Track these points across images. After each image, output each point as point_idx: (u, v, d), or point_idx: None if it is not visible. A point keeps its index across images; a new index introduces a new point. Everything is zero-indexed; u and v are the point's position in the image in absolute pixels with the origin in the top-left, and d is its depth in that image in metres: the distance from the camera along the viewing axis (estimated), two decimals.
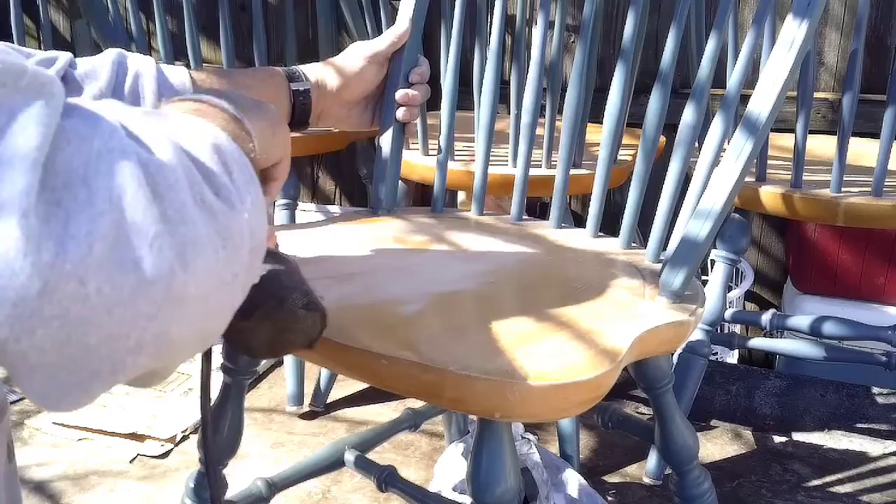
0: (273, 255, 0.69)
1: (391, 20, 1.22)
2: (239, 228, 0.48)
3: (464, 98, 1.34)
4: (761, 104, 0.86)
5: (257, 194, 0.52)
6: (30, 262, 0.39)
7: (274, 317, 0.67)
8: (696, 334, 1.58)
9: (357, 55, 1.05)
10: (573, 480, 1.36)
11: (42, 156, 0.40)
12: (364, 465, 1.19)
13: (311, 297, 0.69)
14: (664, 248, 0.99)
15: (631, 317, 0.85)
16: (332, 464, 1.22)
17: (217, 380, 0.99)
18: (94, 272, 0.41)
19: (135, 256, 0.42)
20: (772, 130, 1.00)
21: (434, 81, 1.15)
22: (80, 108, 0.44)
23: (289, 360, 1.79)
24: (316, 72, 1.01)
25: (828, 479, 1.60)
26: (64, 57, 0.82)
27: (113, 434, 1.69)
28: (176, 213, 0.44)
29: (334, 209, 2.57)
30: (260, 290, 0.61)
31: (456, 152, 1.52)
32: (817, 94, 2.09)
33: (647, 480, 1.58)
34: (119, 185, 0.42)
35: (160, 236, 0.43)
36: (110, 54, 0.86)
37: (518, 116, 1.42)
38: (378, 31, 1.69)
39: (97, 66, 0.84)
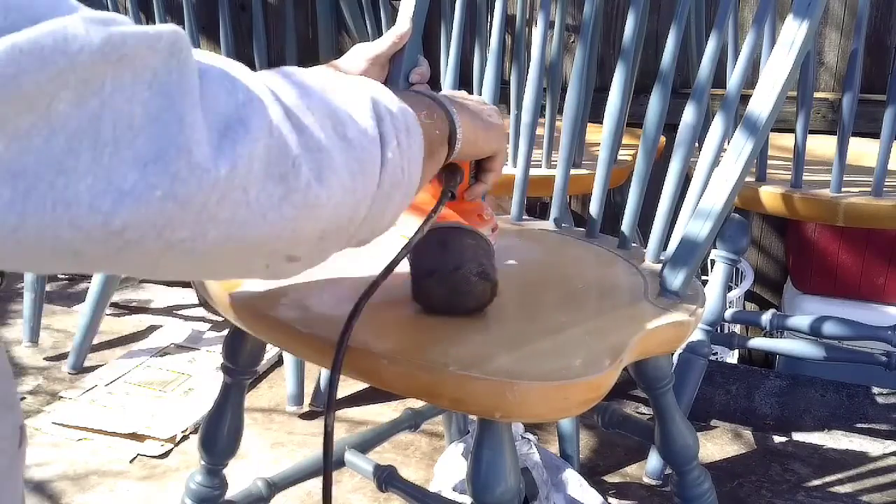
0: (469, 232, 0.82)
1: (391, 20, 1.22)
2: (373, 160, 0.60)
3: None
4: (761, 104, 0.86)
5: (409, 145, 0.64)
6: (212, 176, 0.48)
7: (450, 279, 0.80)
8: (696, 334, 1.58)
9: (360, 57, 1.04)
10: (573, 480, 1.36)
11: (196, 101, 0.48)
12: (364, 465, 1.19)
13: (485, 268, 0.80)
14: (664, 248, 0.99)
15: (631, 317, 0.85)
16: (332, 463, 1.22)
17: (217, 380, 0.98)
18: (253, 183, 0.51)
19: (281, 171, 0.52)
20: (772, 130, 1.00)
21: (434, 81, 1.15)
22: (218, 64, 0.53)
23: (289, 360, 1.79)
24: None
25: (828, 479, 1.60)
26: None
27: (113, 434, 1.69)
28: (313, 143, 0.55)
29: None
30: (444, 255, 0.80)
31: None
32: (817, 94, 2.09)
33: (647, 480, 1.58)
34: (267, 121, 0.52)
35: (298, 157, 0.53)
36: None
37: (518, 116, 1.42)
38: (378, 30, 1.69)
39: None
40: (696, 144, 1.16)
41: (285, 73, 0.61)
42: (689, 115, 0.95)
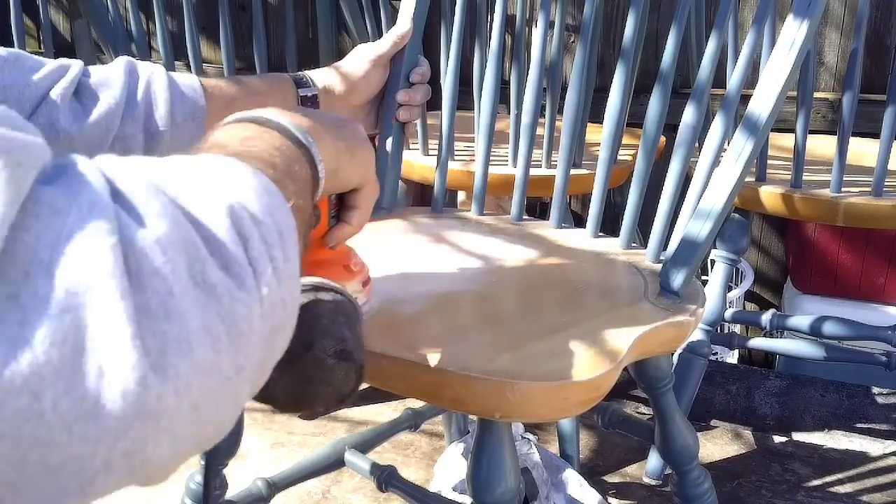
0: (328, 292, 0.60)
1: (391, 20, 1.22)
2: (247, 312, 0.41)
3: (464, 98, 1.34)
4: (761, 105, 0.86)
5: (287, 259, 0.44)
6: None
7: (297, 364, 0.57)
8: (696, 334, 1.58)
9: (362, 58, 1.04)
10: (573, 480, 1.36)
11: (1, 241, 0.34)
12: (364, 465, 1.19)
13: (347, 344, 0.58)
14: (664, 248, 0.99)
15: (631, 317, 0.85)
16: (332, 464, 1.22)
17: None
18: (51, 384, 0.34)
19: (100, 363, 0.35)
20: (772, 130, 1.00)
21: (434, 81, 1.15)
22: (69, 172, 0.38)
23: None
24: (322, 77, 1.01)
25: (828, 479, 1.60)
26: (76, 65, 0.82)
27: None
28: (159, 306, 0.37)
29: None
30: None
31: (456, 152, 1.52)
32: (817, 94, 2.09)
33: (647, 480, 1.58)
34: (87, 275, 0.35)
35: (131, 338, 0.36)
36: (120, 62, 0.85)
37: (518, 116, 1.42)
38: (378, 30, 1.70)
39: (110, 75, 0.84)
40: (696, 144, 1.16)
41: (129, 173, 0.41)
42: (689, 115, 0.95)
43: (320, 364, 0.57)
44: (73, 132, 0.79)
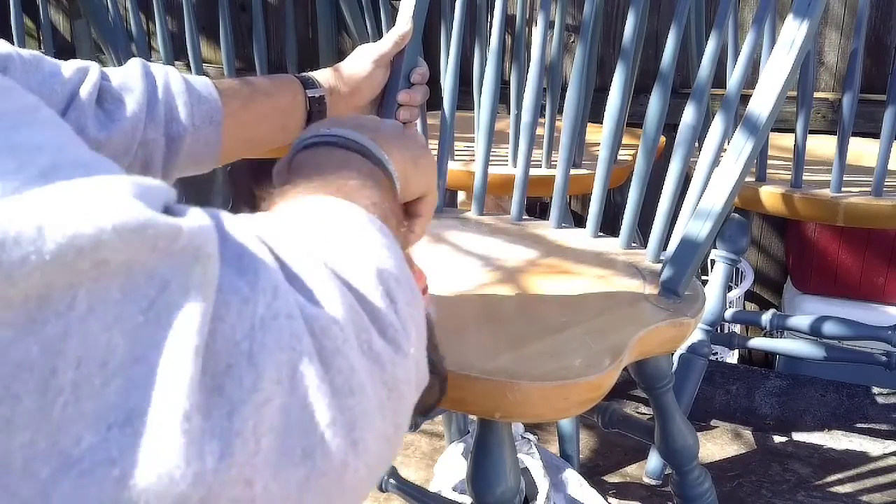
0: None
1: (391, 20, 1.22)
2: (406, 375, 0.41)
3: (464, 98, 1.34)
4: (761, 104, 0.86)
5: (419, 313, 0.45)
6: (192, 471, 0.33)
7: None
8: (696, 334, 1.58)
9: (364, 59, 1.04)
10: (573, 480, 1.36)
11: (202, 339, 0.34)
12: None
13: (429, 355, 0.56)
14: (664, 248, 0.99)
15: (631, 317, 0.85)
16: None
17: None
18: (261, 471, 0.34)
19: (304, 447, 0.36)
20: (772, 130, 1.00)
21: (434, 81, 1.15)
22: (235, 250, 0.37)
23: None
24: (327, 78, 1.01)
25: (828, 479, 1.60)
26: (95, 68, 0.80)
27: None
28: (344, 383, 0.37)
29: None
30: None
31: (456, 152, 1.52)
32: (817, 94, 2.09)
33: (647, 480, 1.58)
34: (287, 362, 0.36)
35: (334, 422, 0.36)
36: (136, 65, 0.83)
37: (518, 116, 1.42)
38: (378, 30, 1.70)
39: (129, 78, 0.81)
40: (696, 144, 1.16)
41: (271, 225, 0.42)
42: (689, 115, 0.95)
43: None
44: (101, 139, 0.77)
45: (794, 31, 0.85)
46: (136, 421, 0.32)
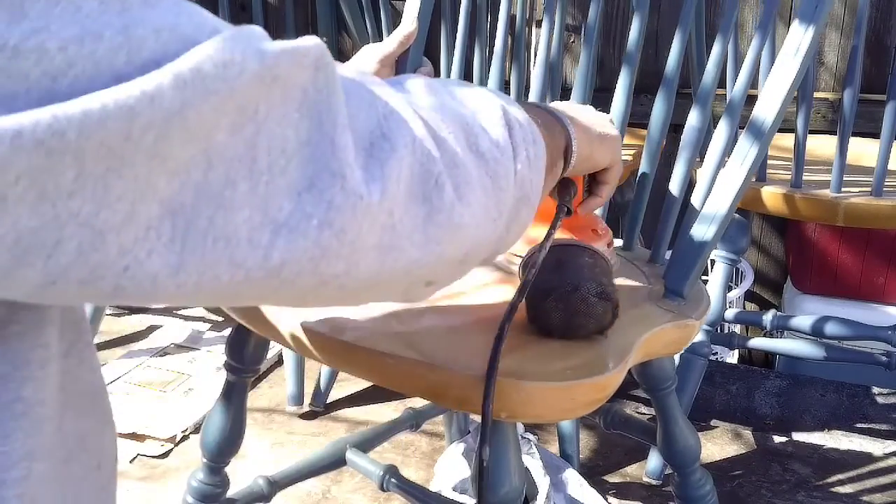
0: (586, 250, 0.79)
1: (391, 20, 1.22)
2: (506, 174, 0.57)
3: None
4: (766, 110, 0.86)
5: (536, 155, 0.60)
6: (365, 203, 0.45)
7: (568, 300, 0.74)
8: (697, 335, 1.58)
9: (370, 60, 1.04)
10: (573, 480, 1.37)
11: (346, 120, 0.46)
12: (364, 465, 1.19)
13: (606, 287, 0.75)
14: (668, 250, 0.99)
15: (636, 318, 0.85)
16: (333, 463, 1.22)
17: (220, 380, 0.98)
18: (398, 205, 0.48)
19: (425, 191, 0.50)
20: None
21: None
22: (352, 77, 0.50)
23: (289, 359, 1.78)
24: None
25: (828, 479, 1.61)
26: None
27: None
28: (450, 159, 0.52)
29: None
30: (560, 275, 0.75)
31: None
32: (817, 94, 2.09)
33: (647, 480, 1.58)
34: (410, 136, 0.49)
35: (441, 174, 0.51)
36: None
37: None
38: (378, 31, 1.69)
39: None
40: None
41: (412, 81, 0.58)
42: (693, 118, 0.95)
43: (585, 301, 0.74)
44: None
45: (799, 37, 0.85)
46: (318, 183, 0.44)
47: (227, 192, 0.41)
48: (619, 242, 1.06)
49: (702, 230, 0.89)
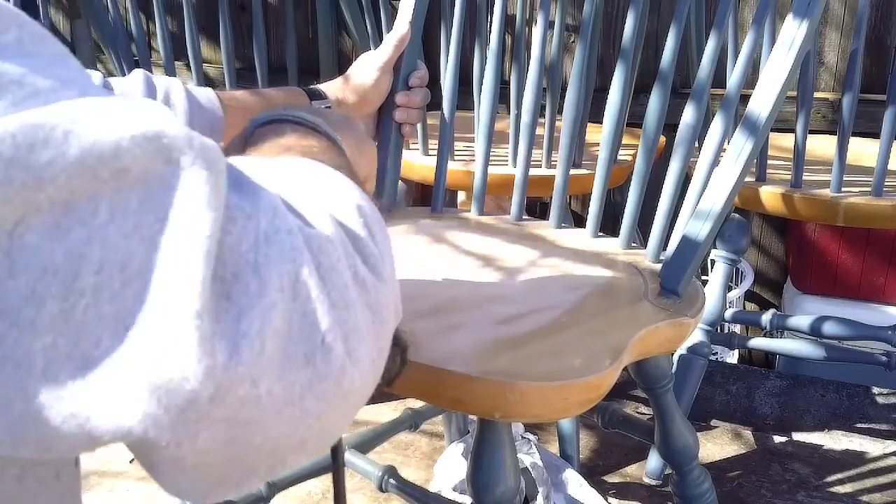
0: None
1: (391, 20, 1.22)
2: (385, 300, 0.44)
3: (464, 98, 1.34)
4: (761, 104, 0.86)
5: (390, 247, 0.48)
6: (203, 367, 0.35)
7: None
8: (696, 334, 1.58)
9: (370, 67, 1.04)
10: (573, 480, 1.37)
11: (215, 244, 0.36)
12: (364, 465, 1.19)
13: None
14: (664, 248, 0.99)
15: (631, 317, 0.85)
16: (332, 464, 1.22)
17: None
18: (267, 371, 0.37)
19: (306, 352, 0.38)
20: (772, 130, 1.00)
21: (434, 82, 1.15)
22: (237, 177, 0.40)
23: None
24: (334, 89, 1.01)
25: (828, 479, 1.60)
26: (97, 76, 0.82)
27: None
28: (339, 298, 0.40)
29: None
30: None
31: (456, 152, 1.52)
32: (817, 94, 2.09)
33: (647, 480, 1.58)
34: (289, 272, 0.38)
35: (332, 328, 0.39)
36: (138, 75, 0.85)
37: (518, 116, 1.42)
38: (378, 31, 1.69)
39: (130, 87, 0.84)
40: (696, 144, 1.16)
41: (267, 166, 0.46)
42: (689, 115, 0.95)
43: None
44: None
45: (793, 31, 0.85)
46: (152, 322, 0.34)
47: (27, 311, 0.33)
48: (617, 241, 1.06)
49: (697, 227, 0.89)
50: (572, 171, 1.18)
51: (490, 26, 1.19)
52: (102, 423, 0.35)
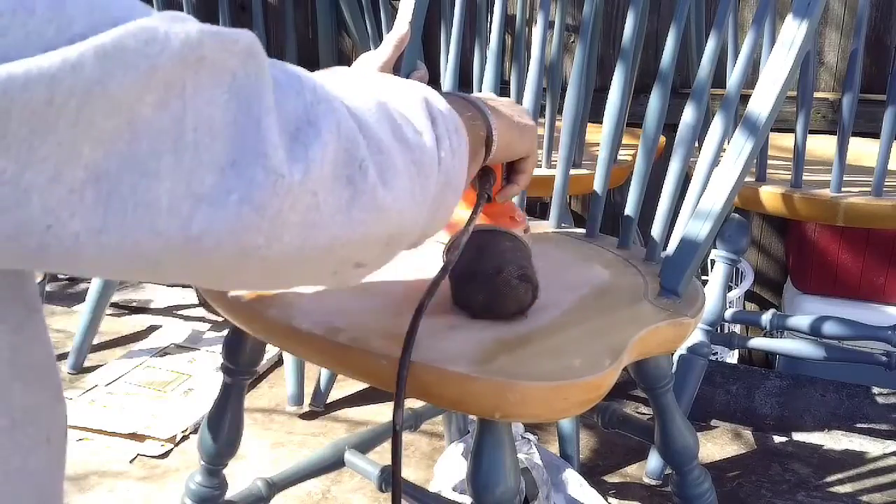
0: (506, 235, 0.82)
1: (391, 20, 1.22)
2: (430, 161, 0.60)
3: None
4: (761, 104, 0.86)
5: (459, 143, 0.64)
6: (286, 183, 0.48)
7: (491, 283, 0.79)
8: (696, 334, 1.58)
9: (369, 67, 1.04)
10: (573, 480, 1.36)
11: (272, 110, 0.48)
12: (364, 465, 1.19)
13: (527, 270, 0.79)
14: (664, 248, 0.99)
15: (631, 317, 0.85)
16: (332, 464, 1.22)
17: (217, 380, 0.98)
18: (323, 186, 0.51)
19: (349, 174, 0.53)
20: (772, 130, 1.00)
21: (434, 82, 1.15)
22: (279, 65, 0.53)
23: (289, 360, 1.78)
24: None
25: (828, 479, 1.60)
26: None
27: (113, 434, 1.69)
28: (375, 146, 0.55)
29: None
30: (484, 258, 0.79)
31: None
32: (817, 94, 2.09)
33: (647, 480, 1.58)
34: (336, 122, 0.52)
35: (365, 160, 0.54)
36: None
37: None
38: (378, 30, 1.70)
39: None
40: (696, 144, 1.16)
41: (340, 74, 0.62)
42: (688, 114, 0.95)
43: (508, 283, 0.78)
44: None
45: (793, 31, 0.85)
46: (242, 161, 0.47)
47: (152, 163, 0.44)
48: (616, 240, 1.06)
49: (697, 227, 0.89)
50: (572, 171, 1.18)
51: (490, 26, 1.19)
52: (217, 231, 0.47)
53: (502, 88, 1.24)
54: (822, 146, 1.62)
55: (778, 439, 1.74)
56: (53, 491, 0.59)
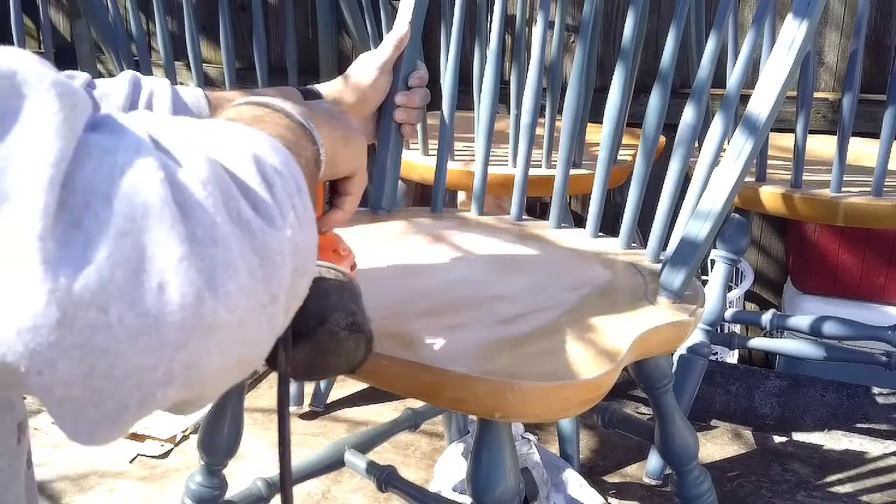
0: (328, 270, 0.65)
1: (391, 20, 1.22)
2: (279, 246, 0.44)
3: (464, 98, 1.34)
4: (761, 104, 0.86)
5: (305, 208, 0.48)
6: (46, 290, 0.36)
7: (313, 337, 0.61)
8: (696, 334, 1.58)
9: (369, 67, 1.04)
10: (573, 480, 1.36)
11: (60, 174, 0.37)
12: (364, 465, 1.19)
13: (357, 317, 0.63)
14: (664, 248, 0.99)
15: (631, 317, 0.85)
16: (332, 464, 1.22)
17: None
18: (116, 299, 0.38)
19: (160, 281, 0.39)
20: (772, 130, 1.00)
21: (434, 81, 1.15)
22: (107, 121, 0.42)
23: None
24: (334, 89, 1.01)
25: (828, 479, 1.60)
26: (82, 77, 0.82)
27: None
28: (205, 233, 0.40)
29: None
30: (301, 306, 0.53)
31: (456, 152, 1.52)
32: (817, 94, 2.09)
33: (647, 480, 1.58)
34: (143, 203, 0.39)
35: (186, 258, 0.39)
36: (126, 75, 0.86)
37: (518, 116, 1.42)
38: (378, 31, 1.69)
39: (113, 87, 0.85)
40: (696, 144, 1.16)
41: (158, 119, 0.47)
42: (688, 114, 0.95)
43: (334, 336, 0.62)
44: None
45: (793, 31, 0.85)
46: None
47: None
48: (617, 241, 1.06)
49: (697, 227, 0.89)
50: (572, 171, 1.18)
51: (490, 26, 1.19)
52: None
53: (502, 88, 1.24)
54: (822, 146, 1.62)
55: (778, 439, 1.74)
56: (8, 499, 0.56)
